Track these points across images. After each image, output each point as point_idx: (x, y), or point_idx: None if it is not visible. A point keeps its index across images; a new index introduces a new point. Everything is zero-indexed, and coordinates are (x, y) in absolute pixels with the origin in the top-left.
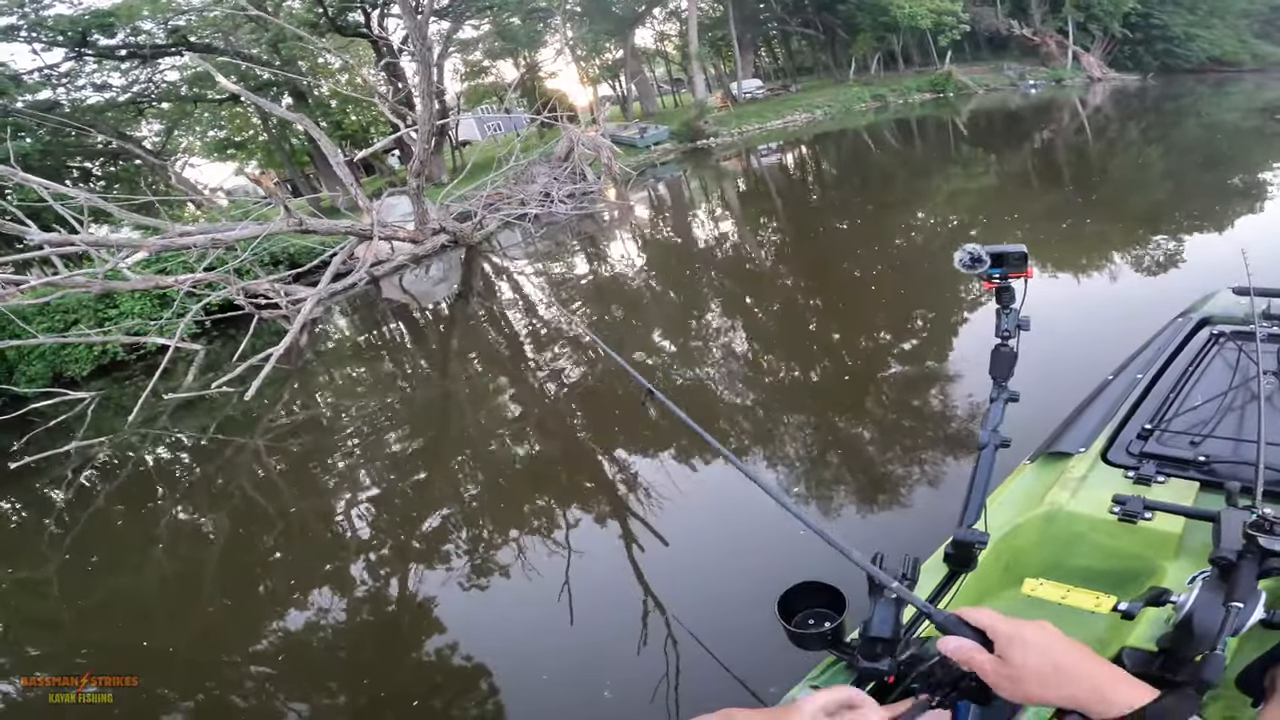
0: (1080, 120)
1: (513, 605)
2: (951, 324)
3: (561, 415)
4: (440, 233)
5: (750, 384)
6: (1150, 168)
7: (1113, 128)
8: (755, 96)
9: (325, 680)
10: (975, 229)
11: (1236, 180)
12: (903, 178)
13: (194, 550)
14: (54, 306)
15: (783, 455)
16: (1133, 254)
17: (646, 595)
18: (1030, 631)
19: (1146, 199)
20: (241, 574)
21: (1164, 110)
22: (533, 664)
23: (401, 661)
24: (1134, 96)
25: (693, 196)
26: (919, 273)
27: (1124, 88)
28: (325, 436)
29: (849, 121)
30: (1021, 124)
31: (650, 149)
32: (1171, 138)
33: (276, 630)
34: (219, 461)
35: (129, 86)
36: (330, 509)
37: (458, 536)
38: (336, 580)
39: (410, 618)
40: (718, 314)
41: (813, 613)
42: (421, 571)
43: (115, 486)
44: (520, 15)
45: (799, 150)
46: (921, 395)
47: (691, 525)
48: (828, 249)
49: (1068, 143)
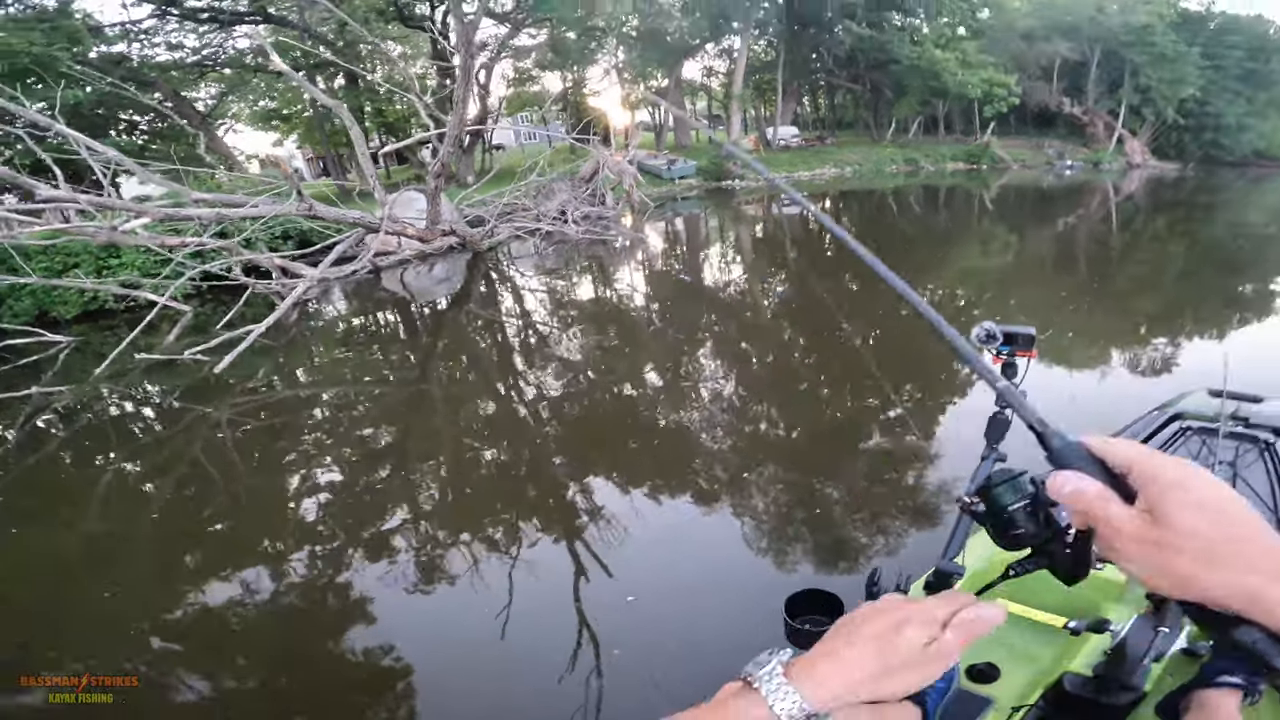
0: (1109, 208)
1: (447, 612)
2: (936, 397)
3: (534, 433)
4: (449, 235)
5: (731, 428)
6: (1167, 266)
7: (1139, 219)
8: (789, 145)
9: (232, 661)
10: (979, 308)
11: (1246, 288)
12: (920, 247)
13: (127, 512)
14: (57, 248)
15: (765, 496)
16: (1128, 348)
17: (582, 625)
18: (1197, 478)
19: (1154, 297)
20: (170, 544)
21: (1195, 204)
22: (455, 672)
23: (319, 651)
24: (1169, 187)
25: (707, 236)
26: (915, 343)
27: (1161, 176)
28: (293, 416)
29: (878, 182)
30: (1049, 206)
31: (675, 181)
32: (1196, 234)
33: (190, 606)
34: (179, 426)
35: (200, 49)
36: (282, 489)
37: (404, 535)
38: (269, 562)
39: (338, 609)
40: (709, 357)
41: (810, 618)
42: (361, 565)
43: (66, 436)
44: (577, 30)
45: (822, 204)
46: (905, 459)
47: (642, 562)
48: (830, 308)
49: (1091, 231)
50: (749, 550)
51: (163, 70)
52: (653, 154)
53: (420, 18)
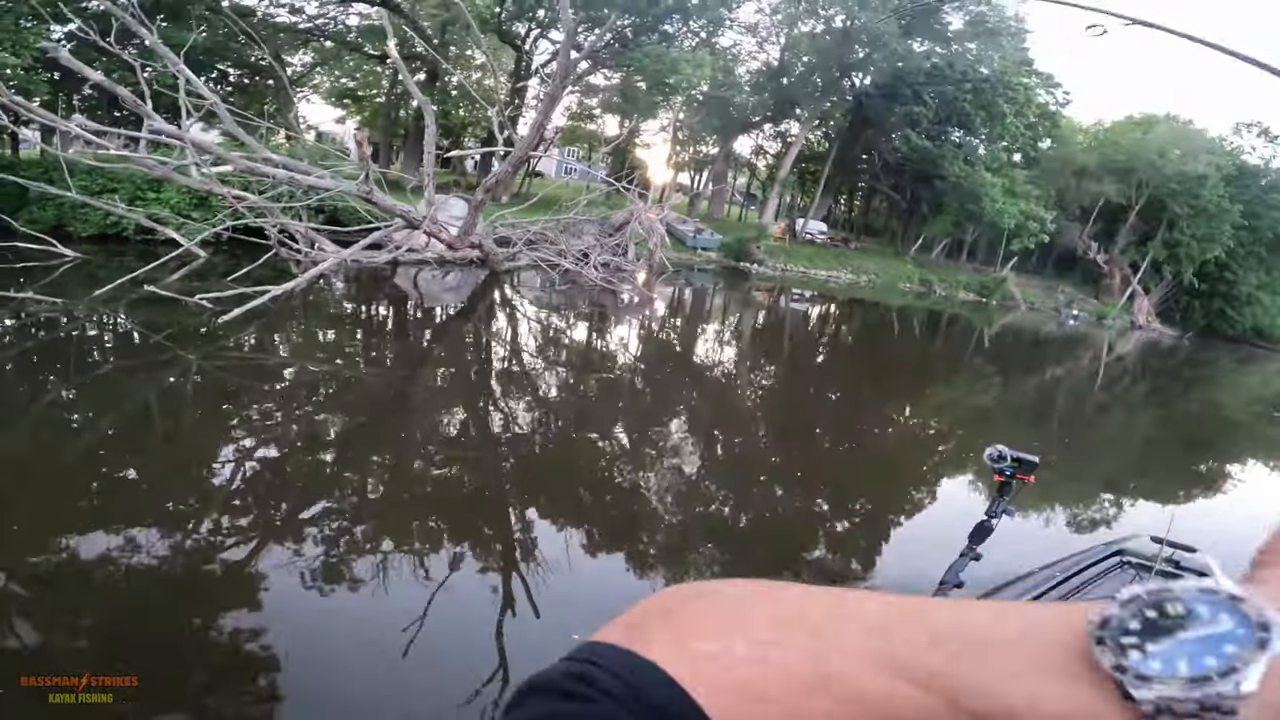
0: (1098, 365)
1: (351, 613)
2: (884, 518)
3: (490, 458)
4: (475, 248)
5: (679, 499)
6: (1135, 431)
7: (1123, 382)
8: (814, 239)
9: (80, 616)
10: (948, 443)
11: (1202, 466)
12: (908, 371)
13: (57, 437)
14: (102, 171)
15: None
16: (1083, 501)
17: (501, 661)
18: None
19: (1116, 459)
20: (81, 478)
21: (1180, 377)
22: (345, 679)
23: (197, 628)
24: (1163, 354)
25: (711, 312)
26: (879, 461)
27: (1158, 341)
28: (262, 381)
29: (887, 296)
30: (1042, 354)
31: (698, 251)
32: (1171, 407)
33: (63, 550)
34: (148, 361)
35: (316, 18)
36: (221, 450)
37: (327, 525)
38: (172, 524)
39: (229, 586)
40: (678, 429)
41: None
42: (270, 545)
43: (32, 346)
44: (650, 83)
45: (828, 307)
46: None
47: (573, 608)
48: (809, 412)
49: (1073, 387)
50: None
51: (276, 30)
52: (683, 219)
53: (515, 35)
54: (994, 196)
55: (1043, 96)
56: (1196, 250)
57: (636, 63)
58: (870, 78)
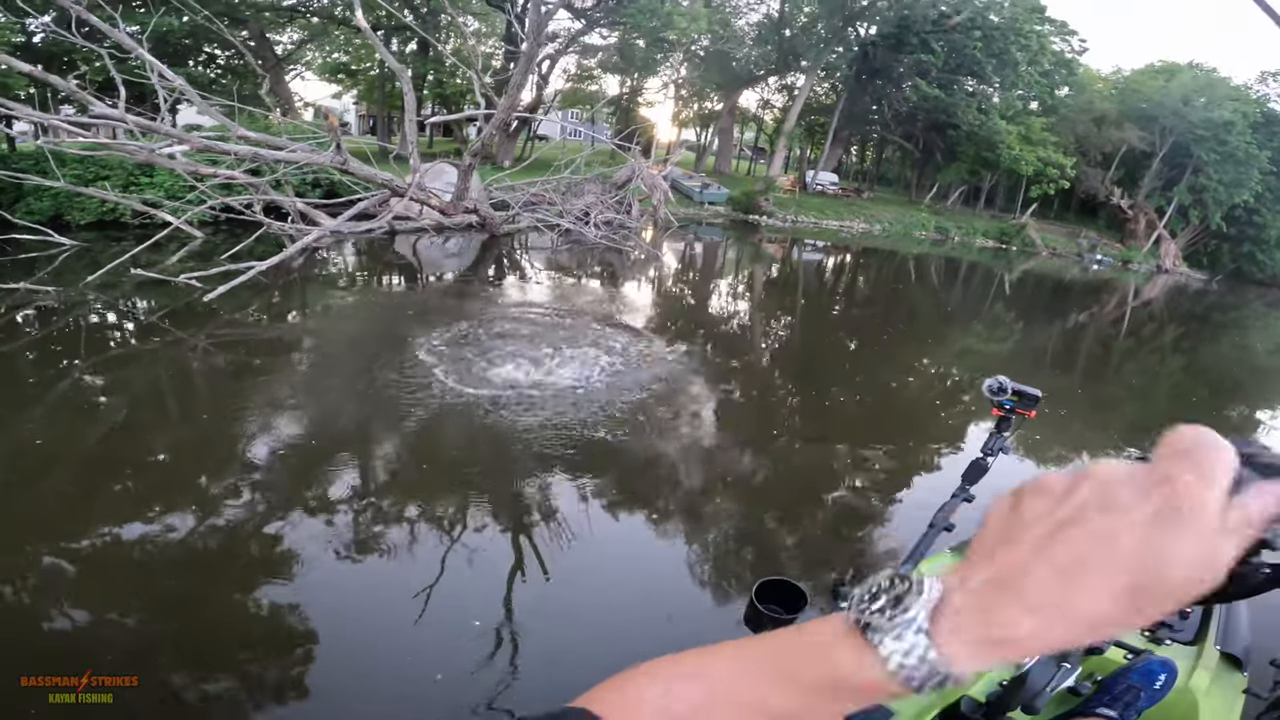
0: (1124, 310)
1: (372, 584)
2: (906, 464)
3: (508, 426)
4: (471, 213)
5: (698, 457)
6: (1161, 379)
7: (1149, 327)
8: (825, 190)
9: (119, 597)
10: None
11: (1232, 413)
12: (926, 319)
13: (69, 424)
14: (94, 160)
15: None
16: (1097, 453)
17: (508, 619)
18: None
19: (1139, 409)
20: (102, 465)
21: (1209, 321)
22: (368, 641)
23: (229, 600)
24: (1189, 298)
25: (722, 267)
26: (898, 408)
27: (1185, 285)
28: (268, 358)
29: (903, 245)
30: (1065, 299)
31: (704, 205)
32: (1199, 353)
33: (99, 534)
34: (151, 344)
35: None
36: (233, 428)
37: (348, 500)
38: (196, 502)
39: (260, 560)
40: (697, 389)
41: (773, 607)
42: (296, 518)
43: (35, 336)
44: (648, 39)
45: (843, 257)
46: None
47: (585, 571)
48: (825, 362)
49: (1098, 332)
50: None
51: (259, 10)
52: (689, 174)
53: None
54: (1010, 144)
55: (1058, 44)
56: (1224, 195)
57: (632, 19)
58: (875, 27)
